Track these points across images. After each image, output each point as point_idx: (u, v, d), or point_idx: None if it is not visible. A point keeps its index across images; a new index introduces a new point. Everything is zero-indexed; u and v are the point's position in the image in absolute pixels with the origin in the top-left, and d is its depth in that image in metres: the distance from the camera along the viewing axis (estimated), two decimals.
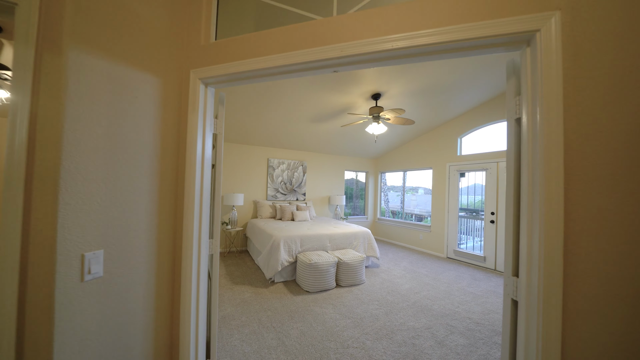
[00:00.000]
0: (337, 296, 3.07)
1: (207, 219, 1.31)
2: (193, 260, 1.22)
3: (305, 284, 3.19)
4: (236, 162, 5.28)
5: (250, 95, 3.61)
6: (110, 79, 0.97)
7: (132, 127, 1.06)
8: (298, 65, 1.10)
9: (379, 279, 3.72)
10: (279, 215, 5.16)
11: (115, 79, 0.99)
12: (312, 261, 3.19)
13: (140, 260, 1.10)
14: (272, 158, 5.68)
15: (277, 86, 3.42)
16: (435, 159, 5.57)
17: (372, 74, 3.28)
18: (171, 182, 1.25)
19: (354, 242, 4.13)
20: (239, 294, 3.05)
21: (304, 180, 6.08)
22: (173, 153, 1.26)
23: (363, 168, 7.15)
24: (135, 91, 1.08)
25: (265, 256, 3.55)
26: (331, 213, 6.56)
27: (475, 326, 2.49)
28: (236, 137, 5.03)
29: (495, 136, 4.61)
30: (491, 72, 3.51)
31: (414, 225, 6.03)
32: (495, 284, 3.67)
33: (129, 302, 1.05)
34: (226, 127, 4.56)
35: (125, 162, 1.03)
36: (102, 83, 0.95)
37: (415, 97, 4.00)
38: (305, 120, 4.55)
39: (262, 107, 3.96)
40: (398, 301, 2.98)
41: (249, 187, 5.42)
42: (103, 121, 0.94)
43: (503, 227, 4.31)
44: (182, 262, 1.23)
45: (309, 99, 3.82)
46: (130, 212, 1.05)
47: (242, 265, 4.20)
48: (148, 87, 1.14)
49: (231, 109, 3.92)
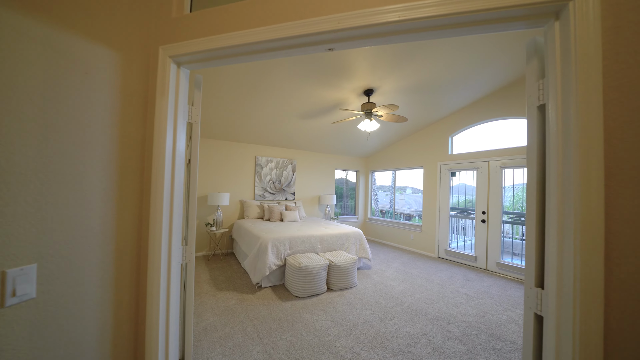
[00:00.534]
0: (329, 301, 2.91)
1: (179, 223, 1.12)
2: (161, 272, 1.03)
3: (295, 288, 3.01)
4: (222, 159, 5.03)
5: (237, 89, 3.39)
6: (47, 47, 0.77)
7: (82, 110, 0.86)
8: (287, 40, 0.93)
9: (371, 282, 3.60)
10: (267, 215, 4.96)
11: (56, 49, 0.79)
12: (302, 264, 3.02)
13: (92, 274, 0.89)
14: (260, 156, 5.46)
15: (265, 79, 3.23)
16: (426, 158, 5.52)
17: (365, 68, 3.14)
18: (135, 179, 1.05)
19: (345, 243, 3.99)
20: (223, 300, 2.83)
21: (293, 179, 5.89)
22: (137, 145, 1.06)
23: (354, 167, 7.04)
24: (86, 66, 0.88)
25: (252, 260, 3.34)
26: (321, 213, 6.41)
27: (472, 330, 2.39)
28: (222, 134, 4.78)
29: (486, 135, 4.59)
30: (488, 68, 3.46)
31: (405, 225, 5.96)
32: (487, 285, 3.63)
33: (75, 329, 0.84)
34: (211, 123, 4.31)
35: (70, 153, 0.83)
36: (36, 51, 0.74)
37: (408, 94, 3.90)
38: (294, 117, 4.37)
39: (249, 101, 3.74)
40: (392, 305, 2.86)
41: (236, 187, 5.18)
42: (36, 99, 0.74)
43: (494, 227, 4.29)
44: (149, 275, 1.03)
45: (299, 94, 3.65)
46: (78, 216, 0.85)
47: (227, 269, 3.98)
48: (105, 64, 0.94)
49: (216, 103, 3.69)
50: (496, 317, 2.68)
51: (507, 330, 2.41)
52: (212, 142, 4.92)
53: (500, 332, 2.38)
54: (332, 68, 3.10)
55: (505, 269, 4.09)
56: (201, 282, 3.37)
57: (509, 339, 2.28)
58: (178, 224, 1.10)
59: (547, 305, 0.78)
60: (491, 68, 3.43)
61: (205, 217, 4.80)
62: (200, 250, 4.73)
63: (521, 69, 3.60)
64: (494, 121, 4.43)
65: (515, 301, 3.09)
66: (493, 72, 3.56)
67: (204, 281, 3.41)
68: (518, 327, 2.47)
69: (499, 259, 4.19)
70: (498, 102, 4.27)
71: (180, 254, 1.14)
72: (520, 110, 4.00)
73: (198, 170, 1.24)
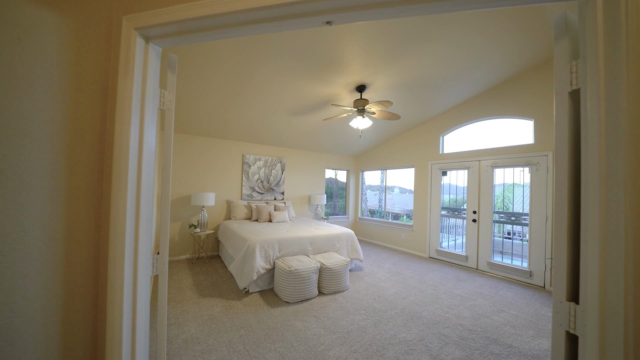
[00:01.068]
0: (320, 306, 2.77)
1: (149, 229, 0.94)
2: (125, 288, 0.85)
3: (285, 293, 2.85)
4: (207, 157, 4.78)
5: (223, 82, 3.18)
6: None
7: (14, 88, 0.67)
8: (277, 9, 0.77)
9: (363, 284, 3.48)
10: (255, 216, 4.76)
11: None
12: (292, 268, 2.86)
13: (31, 297, 0.71)
14: (248, 154, 5.24)
15: (254, 72, 3.04)
16: (417, 157, 5.48)
17: (358, 62, 3.01)
18: (90, 178, 0.87)
19: (337, 244, 3.86)
20: (207, 308, 2.63)
21: (283, 178, 5.71)
22: (94, 136, 0.88)
23: (344, 166, 6.93)
24: (19, 30, 0.69)
25: (238, 263, 3.15)
26: (311, 213, 6.26)
27: (469, 334, 2.32)
28: (207, 130, 4.54)
29: (476, 135, 4.58)
30: (482, 65, 3.41)
31: (396, 225, 5.91)
32: (479, 285, 3.60)
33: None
34: (195, 118, 4.07)
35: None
36: None
37: (401, 91, 3.82)
38: (284, 113, 4.19)
39: (236, 96, 3.54)
40: (386, 309, 2.75)
41: (222, 186, 4.94)
42: None
43: (485, 226, 4.28)
44: (109, 292, 0.85)
45: (289, 89, 3.48)
46: (9, 222, 0.66)
47: (212, 273, 3.76)
48: (48, 31, 0.75)
49: (201, 97, 3.46)
50: (491, 319, 2.62)
51: (504, 333, 2.35)
52: (196, 138, 4.66)
53: (497, 335, 2.32)
54: (324, 62, 2.96)
55: (495, 268, 4.09)
56: (183, 288, 3.15)
57: (506, 342, 2.22)
58: (147, 230, 0.92)
59: (583, 323, 0.66)
60: (485, 64, 3.39)
61: (189, 218, 4.54)
62: (183, 254, 4.47)
63: (513, 67, 3.59)
64: (485, 120, 4.42)
65: (507, 301, 3.06)
66: (486, 69, 3.53)
67: (187, 287, 3.18)
68: (514, 329, 2.42)
69: (489, 259, 4.19)
70: (489, 101, 4.26)
71: (150, 265, 0.96)
72: (511, 110, 4.00)
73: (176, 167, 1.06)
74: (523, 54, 3.26)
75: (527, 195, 3.86)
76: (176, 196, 4.43)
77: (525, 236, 4.46)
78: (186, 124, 4.23)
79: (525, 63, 3.53)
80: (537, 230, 3.67)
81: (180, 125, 4.25)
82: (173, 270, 3.78)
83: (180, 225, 4.45)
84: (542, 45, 3.13)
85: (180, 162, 4.48)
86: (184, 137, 4.53)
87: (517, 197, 4.26)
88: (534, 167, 3.78)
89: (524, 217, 3.96)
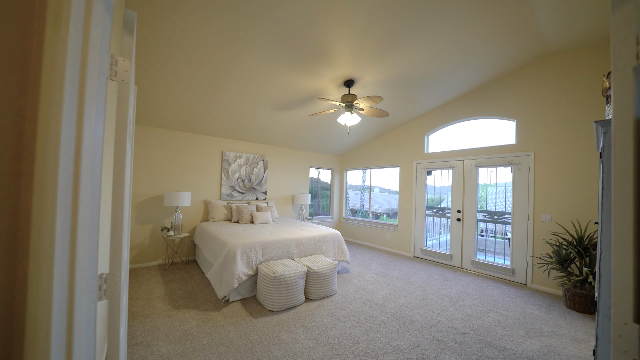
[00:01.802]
0: (308, 314, 2.57)
1: (93, 241, 0.70)
2: (52, 324, 0.60)
3: (269, 301, 2.63)
4: (182, 154, 4.40)
5: (201, 72, 2.88)
6: None
7: None
8: None
9: (351, 287, 3.34)
10: (235, 217, 4.45)
11: None
12: (277, 273, 2.64)
13: None
14: (228, 151, 4.92)
15: (235, 62, 2.77)
16: (402, 157, 5.45)
17: (348, 55, 2.85)
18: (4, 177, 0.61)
19: (324, 246, 3.68)
20: (182, 322, 2.34)
21: (265, 177, 5.44)
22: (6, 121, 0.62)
23: (329, 165, 6.77)
24: None
25: (217, 270, 2.87)
26: (295, 213, 6.03)
27: (462, 337, 2.24)
28: (182, 124, 4.17)
29: (460, 135, 4.61)
30: (470, 62, 3.39)
31: (381, 225, 5.85)
32: (465, 284, 3.59)
33: None
34: (169, 111, 3.70)
35: None
36: None
37: (390, 88, 3.72)
38: (267, 107, 3.94)
39: (215, 88, 3.24)
40: (377, 314, 2.62)
41: (199, 185, 4.58)
42: None
43: (469, 225, 4.31)
44: (28, 332, 0.60)
45: (274, 81, 3.24)
46: None
47: (187, 280, 3.43)
48: None
49: (175, 87, 3.12)
50: (482, 319, 2.58)
51: (496, 335, 2.30)
52: (170, 133, 4.27)
53: (490, 337, 2.27)
54: (312, 53, 2.77)
55: (479, 266, 4.13)
56: (153, 299, 2.81)
57: (500, 344, 2.16)
58: (90, 244, 0.68)
59: None
60: (473, 62, 3.38)
61: (161, 220, 4.14)
62: (154, 259, 4.07)
63: (497, 68, 3.61)
64: (469, 120, 4.46)
65: (494, 300, 3.06)
66: (472, 68, 3.52)
67: (158, 297, 2.85)
68: (505, 330, 2.38)
69: (473, 257, 4.22)
70: (473, 102, 4.30)
71: (95, 289, 0.71)
72: (494, 110, 4.05)
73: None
74: (507, 54, 3.28)
75: (510, 194, 3.92)
76: (146, 196, 4.02)
77: (497, 233, 4.60)
78: (159, 117, 3.85)
79: (508, 64, 3.57)
80: (519, 229, 3.74)
81: (152, 118, 3.86)
82: (142, 279, 3.40)
83: (151, 228, 4.05)
84: (526, 47, 3.16)
85: (151, 158, 4.08)
86: (156, 131, 4.13)
87: (500, 197, 4.34)
88: (516, 166, 3.84)
89: (506, 216, 4.03)
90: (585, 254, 2.82)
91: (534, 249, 3.57)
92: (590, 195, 3.11)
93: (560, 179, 3.37)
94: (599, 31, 2.82)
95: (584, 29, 2.82)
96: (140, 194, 3.97)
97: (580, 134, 3.21)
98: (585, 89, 3.19)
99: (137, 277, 3.44)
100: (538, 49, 3.29)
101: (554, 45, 3.20)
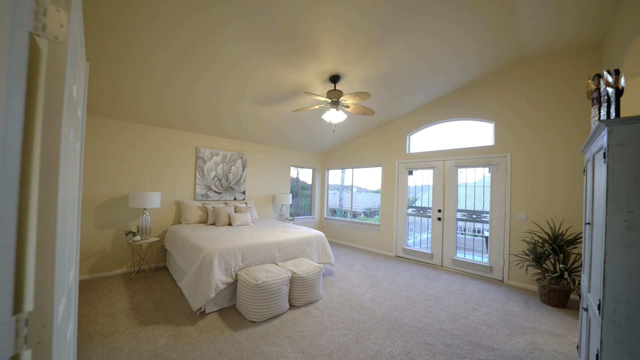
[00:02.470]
0: (293, 323, 2.40)
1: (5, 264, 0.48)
2: None
3: (251, 311, 2.41)
4: (151, 150, 3.99)
5: (172, 60, 2.57)
6: None
7: None
8: None
9: (337, 290, 3.22)
10: (211, 219, 4.14)
11: None
12: (259, 280, 2.44)
13: None
14: (203, 147, 4.57)
15: (211, 51, 2.51)
16: (384, 156, 5.45)
17: (335, 49, 2.72)
18: None
19: (307, 248, 3.52)
20: (149, 340, 2.06)
21: (244, 176, 5.15)
22: None
23: (310, 164, 6.61)
24: None
25: (191, 278, 2.59)
26: (275, 214, 5.80)
27: (452, 339, 2.21)
28: (151, 117, 3.78)
29: (441, 135, 4.69)
30: (457, 62, 3.41)
31: (362, 225, 5.81)
32: (447, 282, 3.63)
33: None
34: (136, 103, 3.31)
35: None
36: None
37: (376, 86, 3.64)
38: (247, 102, 3.69)
39: (189, 77, 2.94)
40: (365, 319, 2.52)
41: (170, 184, 4.19)
42: None
43: (449, 224, 4.39)
44: None
45: (254, 73, 3.01)
46: None
47: (156, 290, 3.09)
48: None
49: (143, 76, 2.77)
50: (467, 319, 2.58)
51: (483, 335, 2.30)
52: (137, 127, 3.85)
53: (478, 337, 2.26)
54: (297, 45, 2.59)
55: (459, 264, 4.21)
56: (116, 314, 2.47)
57: (488, 344, 2.16)
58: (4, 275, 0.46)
59: None
60: (459, 62, 3.40)
61: (125, 223, 3.72)
62: (117, 267, 3.65)
63: (477, 71, 3.69)
64: (450, 122, 4.54)
65: (477, 298, 3.10)
66: (459, 67, 3.56)
67: (121, 312, 2.51)
68: (491, 329, 2.40)
69: (453, 256, 4.31)
70: (454, 103, 4.38)
71: (8, 337, 0.50)
72: (474, 112, 4.16)
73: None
74: (490, 56, 3.35)
75: (488, 194, 4.04)
76: (108, 197, 3.59)
77: (468, 231, 4.76)
78: (123, 108, 3.44)
79: (489, 67, 3.66)
80: (497, 227, 3.86)
81: (116, 109, 3.44)
82: (103, 291, 3.00)
83: (114, 232, 3.62)
84: (507, 50, 3.25)
85: (115, 154, 3.64)
86: (120, 125, 3.69)
87: (478, 196, 4.47)
88: (494, 167, 3.96)
89: (484, 215, 4.15)
90: (560, 250, 2.94)
91: (510, 246, 3.69)
92: (562, 195, 3.26)
93: (535, 179, 3.52)
94: (574, 39, 2.95)
95: (560, 37, 2.94)
96: (101, 195, 3.53)
97: (554, 136, 3.37)
98: (558, 94, 3.35)
99: (96, 289, 3.03)
100: (516, 54, 3.40)
101: (531, 51, 3.32)
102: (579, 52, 3.19)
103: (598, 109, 1.76)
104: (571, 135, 3.23)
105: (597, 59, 3.08)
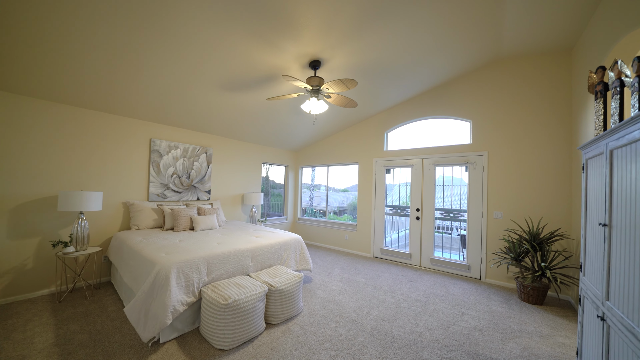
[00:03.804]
0: (272, 347, 2.02)
1: None
2: None
3: (219, 337, 1.98)
4: (88, 139, 3.26)
5: (119, 30, 2.00)
6: None
7: None
8: None
9: (318, 301, 2.90)
10: (169, 223, 3.53)
11: None
12: (229, 299, 2.01)
13: None
14: (159, 139, 3.90)
15: (167, 17, 1.99)
16: (361, 154, 5.26)
17: (317, 28, 2.38)
18: None
19: (284, 254, 3.15)
20: None
21: (209, 173, 4.56)
22: None
23: (283, 161, 6.19)
24: None
25: (140, 302, 2.05)
26: (245, 215, 5.28)
27: (449, 352, 2.03)
28: (90, 99, 3.06)
29: (419, 133, 4.62)
30: (440, 56, 3.28)
31: (339, 225, 5.57)
32: (429, 284, 3.53)
33: None
34: (64, 77, 2.61)
35: None
36: None
37: (357, 78, 3.38)
38: (212, 86, 3.17)
39: (139, 55, 2.36)
40: (353, 334, 2.23)
41: (116, 182, 3.49)
42: None
43: (427, 223, 4.33)
44: None
45: (221, 49, 2.54)
46: None
47: (96, 315, 2.47)
48: None
49: (81, 49, 2.14)
50: (458, 325, 2.45)
51: (478, 343, 2.16)
52: (68, 109, 3.10)
53: (473, 346, 2.11)
54: (274, 18, 2.20)
55: (437, 264, 4.17)
56: (32, 355, 1.85)
57: (484, 354, 2.02)
58: None
59: None
60: (442, 55, 3.28)
61: (54, 231, 2.98)
62: (42, 287, 2.90)
63: (462, 65, 3.63)
64: (427, 119, 4.48)
65: (461, 300, 3.02)
66: (441, 62, 3.44)
67: (39, 353, 1.89)
68: (483, 335, 2.28)
69: (432, 255, 4.26)
70: (431, 101, 4.31)
71: None
72: (451, 110, 4.13)
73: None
74: (472, 51, 3.28)
75: (465, 192, 4.04)
76: (28, 198, 2.82)
77: (445, 229, 4.81)
78: (50, 85, 2.71)
79: (469, 64, 3.61)
80: (474, 226, 3.87)
81: (39, 87, 2.69)
82: (18, 321, 2.30)
83: (37, 243, 2.87)
84: (487, 48, 3.21)
85: (38, 144, 2.88)
86: (45, 106, 2.93)
87: (456, 195, 4.48)
88: (471, 165, 3.97)
89: (461, 213, 4.15)
90: (539, 248, 2.97)
91: (487, 245, 3.71)
92: (539, 193, 3.33)
93: (511, 178, 3.56)
94: (550, 41, 2.99)
95: (538, 37, 2.95)
96: (18, 195, 2.75)
97: (530, 135, 3.42)
98: (532, 95, 3.41)
99: (7, 320, 2.32)
100: (495, 53, 3.38)
101: (510, 50, 3.33)
102: (551, 54, 3.27)
103: (603, 102, 1.68)
104: (546, 135, 3.30)
105: (567, 62, 3.17)
